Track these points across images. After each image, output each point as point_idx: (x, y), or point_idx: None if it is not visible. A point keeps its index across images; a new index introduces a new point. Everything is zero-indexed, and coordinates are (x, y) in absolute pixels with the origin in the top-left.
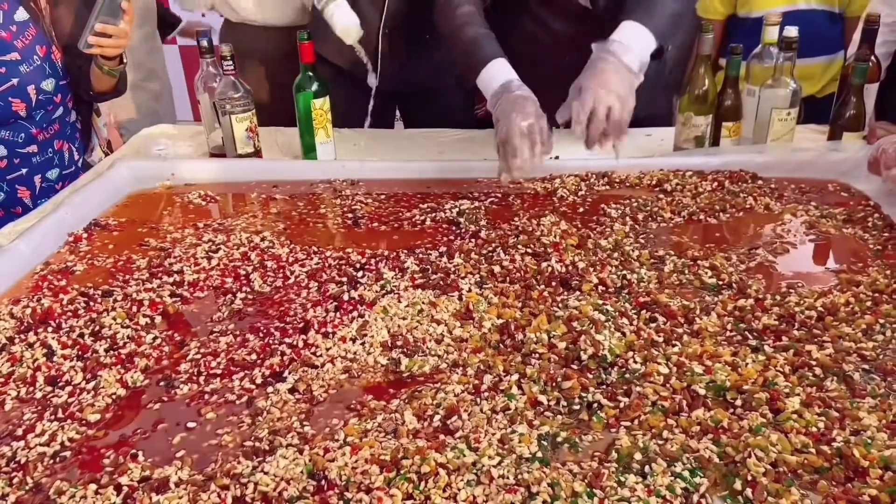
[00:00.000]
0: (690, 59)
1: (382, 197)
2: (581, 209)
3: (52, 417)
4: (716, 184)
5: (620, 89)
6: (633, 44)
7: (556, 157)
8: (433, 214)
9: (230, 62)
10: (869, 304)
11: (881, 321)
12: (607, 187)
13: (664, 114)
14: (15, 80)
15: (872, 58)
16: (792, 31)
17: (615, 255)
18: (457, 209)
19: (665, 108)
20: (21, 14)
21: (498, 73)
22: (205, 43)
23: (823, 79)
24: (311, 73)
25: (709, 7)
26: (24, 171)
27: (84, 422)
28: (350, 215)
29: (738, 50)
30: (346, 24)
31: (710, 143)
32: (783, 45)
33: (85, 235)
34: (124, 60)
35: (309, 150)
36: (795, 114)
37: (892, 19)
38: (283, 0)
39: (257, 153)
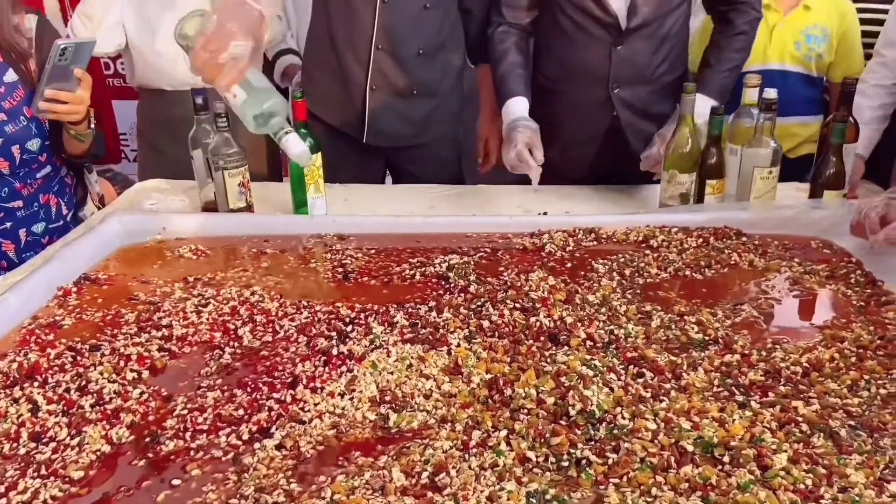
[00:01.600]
0: None
1: (372, 251)
2: (569, 264)
3: (35, 474)
4: (701, 240)
5: None
6: (699, 105)
7: (545, 213)
8: (423, 269)
9: (224, 119)
10: (853, 360)
11: (866, 377)
12: (594, 243)
13: None
14: (0, 140)
15: (850, 118)
16: (771, 93)
17: (603, 310)
18: (446, 263)
19: None
20: (10, 76)
21: (514, 110)
22: (199, 101)
23: (796, 139)
24: (304, 131)
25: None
26: (8, 224)
27: (67, 479)
28: (340, 269)
29: (720, 111)
30: (298, 152)
31: (695, 200)
32: (763, 107)
33: (74, 289)
34: (92, 126)
35: (300, 205)
36: (777, 172)
37: (890, 81)
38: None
39: (249, 208)
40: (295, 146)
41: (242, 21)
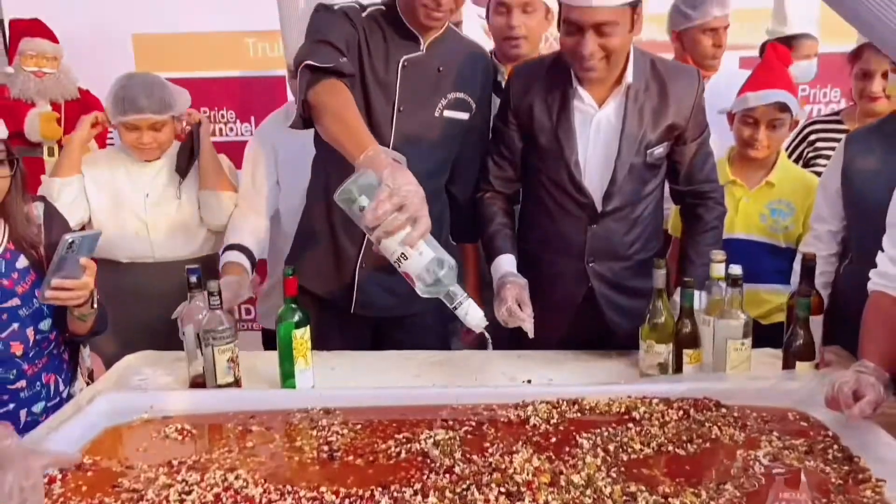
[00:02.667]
0: None
1: (358, 427)
2: (553, 439)
3: None
4: (681, 412)
5: None
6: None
7: (529, 381)
8: (408, 445)
9: (217, 297)
10: None
11: None
12: (578, 414)
13: None
14: (16, 325)
15: (814, 292)
16: (736, 269)
17: (588, 492)
18: (432, 439)
19: None
20: (22, 262)
21: (502, 266)
22: (194, 279)
23: (767, 306)
24: (294, 305)
25: (676, 225)
26: (10, 406)
27: None
28: (326, 448)
29: (690, 283)
30: (477, 321)
31: (674, 370)
32: (729, 282)
33: (59, 476)
34: (94, 306)
35: (287, 378)
36: (749, 343)
37: (826, 252)
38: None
39: (237, 382)
40: (475, 314)
41: (416, 187)
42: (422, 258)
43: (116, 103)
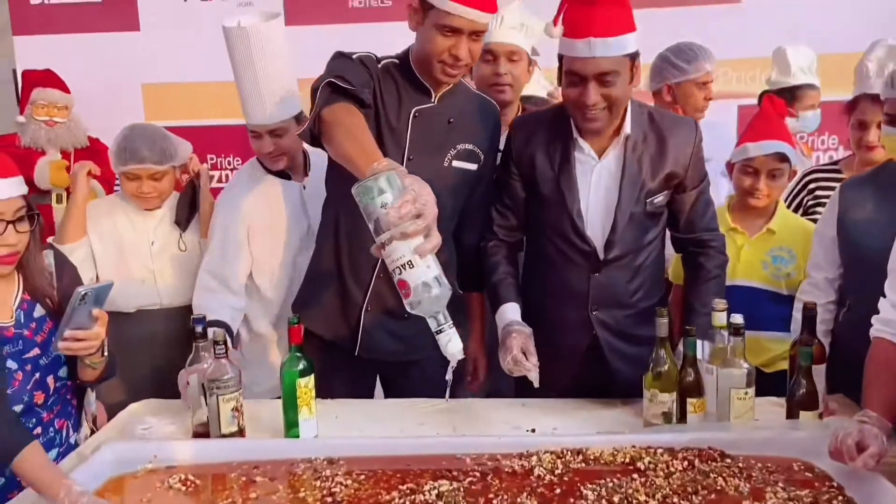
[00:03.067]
0: None
1: (362, 477)
2: (558, 490)
3: None
4: (686, 462)
5: None
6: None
7: (533, 430)
8: (412, 497)
9: (222, 346)
10: None
11: None
12: (583, 464)
13: None
14: (37, 375)
15: (816, 341)
16: (738, 318)
17: None
18: (436, 490)
19: None
20: (38, 310)
21: (507, 315)
22: (199, 329)
23: (770, 353)
24: (298, 354)
25: (678, 273)
26: None
27: None
28: (329, 499)
29: (692, 332)
30: (455, 351)
31: (678, 419)
32: (731, 331)
33: None
34: (105, 353)
35: (291, 426)
36: (753, 392)
37: (825, 300)
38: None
39: (241, 432)
40: (455, 344)
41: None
42: (428, 271)
43: (119, 153)
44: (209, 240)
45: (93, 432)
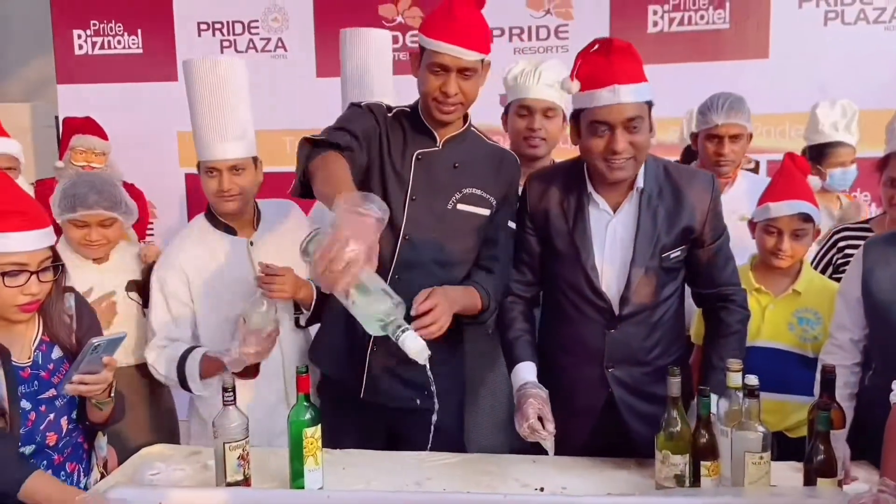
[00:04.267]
0: None
1: None
2: None
3: None
4: None
5: None
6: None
7: (541, 489)
8: None
9: (230, 394)
10: None
11: None
12: None
13: None
14: (52, 416)
15: (835, 405)
16: (752, 380)
17: None
18: None
19: None
20: (56, 352)
21: (523, 375)
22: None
23: (794, 418)
24: (306, 404)
25: (699, 333)
26: None
27: None
28: None
29: (706, 392)
30: (417, 350)
31: (692, 482)
32: (746, 392)
33: None
34: (111, 395)
35: (297, 477)
36: (768, 457)
37: (850, 361)
38: None
39: (246, 481)
40: (413, 344)
41: (356, 228)
42: (354, 306)
43: (65, 199)
44: (151, 296)
45: (103, 476)
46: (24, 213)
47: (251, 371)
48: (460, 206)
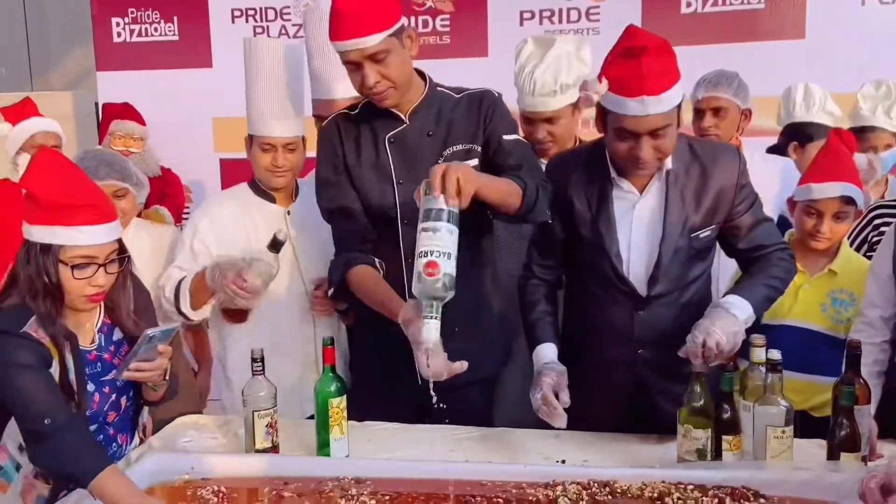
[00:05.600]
0: None
1: (387, 497)
2: None
3: None
4: (717, 500)
5: (727, 327)
6: (737, 303)
7: (563, 462)
8: None
9: (259, 364)
10: None
11: None
12: (609, 497)
13: None
14: (114, 396)
15: (860, 380)
16: (775, 354)
17: None
18: None
19: None
20: (117, 333)
21: (543, 355)
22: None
23: (821, 398)
24: (332, 375)
25: None
26: None
27: None
28: None
29: (729, 367)
30: (428, 337)
31: (713, 456)
32: (769, 367)
33: None
34: (167, 378)
35: (323, 446)
36: (790, 431)
37: (880, 339)
38: None
39: (275, 448)
40: (430, 333)
41: None
42: (454, 270)
43: None
44: (180, 243)
45: (142, 441)
46: (96, 206)
47: (240, 315)
48: None
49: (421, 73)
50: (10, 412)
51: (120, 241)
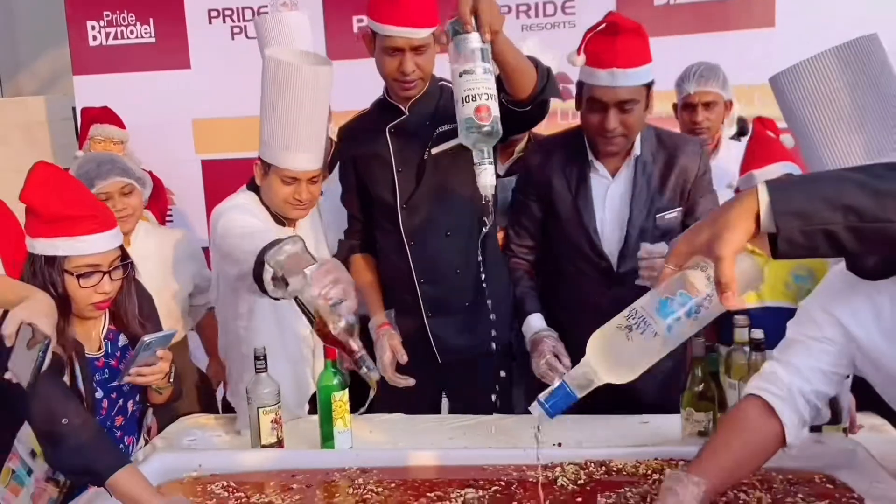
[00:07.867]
0: None
1: (392, 485)
2: (580, 498)
3: None
4: None
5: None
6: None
7: (559, 445)
8: (439, 503)
9: (262, 361)
10: None
11: None
12: (605, 475)
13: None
14: (121, 401)
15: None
16: (758, 334)
17: None
18: (462, 498)
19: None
20: (122, 339)
21: (534, 324)
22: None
23: None
24: (333, 369)
25: None
26: None
27: None
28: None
29: (715, 347)
30: (485, 182)
31: None
32: (753, 346)
33: None
34: (171, 380)
35: (327, 439)
36: None
37: None
38: None
39: (279, 443)
40: (487, 177)
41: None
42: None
43: (79, 179)
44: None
45: (147, 442)
46: (95, 216)
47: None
48: (434, 150)
49: None
50: (21, 419)
51: (122, 247)
